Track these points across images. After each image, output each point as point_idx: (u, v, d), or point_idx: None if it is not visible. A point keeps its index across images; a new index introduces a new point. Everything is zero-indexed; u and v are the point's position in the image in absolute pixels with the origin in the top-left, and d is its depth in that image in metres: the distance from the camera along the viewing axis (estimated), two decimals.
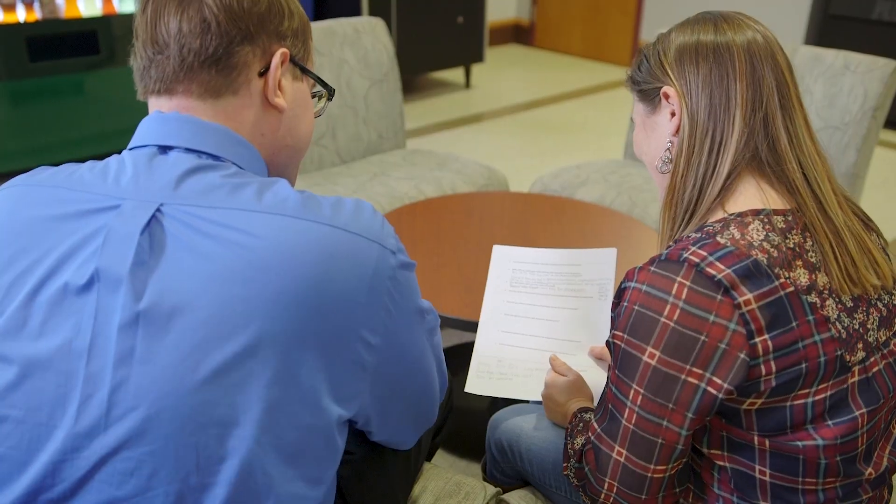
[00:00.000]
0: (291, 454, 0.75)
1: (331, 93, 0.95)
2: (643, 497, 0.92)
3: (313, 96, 0.94)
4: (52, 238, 0.75)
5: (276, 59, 0.83)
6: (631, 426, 0.90)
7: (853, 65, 2.29)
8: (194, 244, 0.72)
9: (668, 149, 0.99)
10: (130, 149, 0.81)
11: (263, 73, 0.83)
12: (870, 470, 0.93)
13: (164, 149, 0.80)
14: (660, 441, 0.89)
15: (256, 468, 0.72)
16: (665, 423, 0.88)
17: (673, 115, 0.97)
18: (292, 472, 0.75)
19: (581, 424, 1.07)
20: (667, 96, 0.97)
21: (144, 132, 0.81)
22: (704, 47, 0.94)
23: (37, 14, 3.26)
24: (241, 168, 0.81)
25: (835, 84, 2.32)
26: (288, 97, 0.86)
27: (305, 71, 0.89)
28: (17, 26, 3.17)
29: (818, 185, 0.92)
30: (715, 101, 0.93)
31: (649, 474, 0.91)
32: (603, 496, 0.96)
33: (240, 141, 0.82)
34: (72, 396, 0.71)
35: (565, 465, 1.07)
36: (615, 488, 0.93)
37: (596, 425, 0.96)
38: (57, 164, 0.85)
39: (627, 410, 0.90)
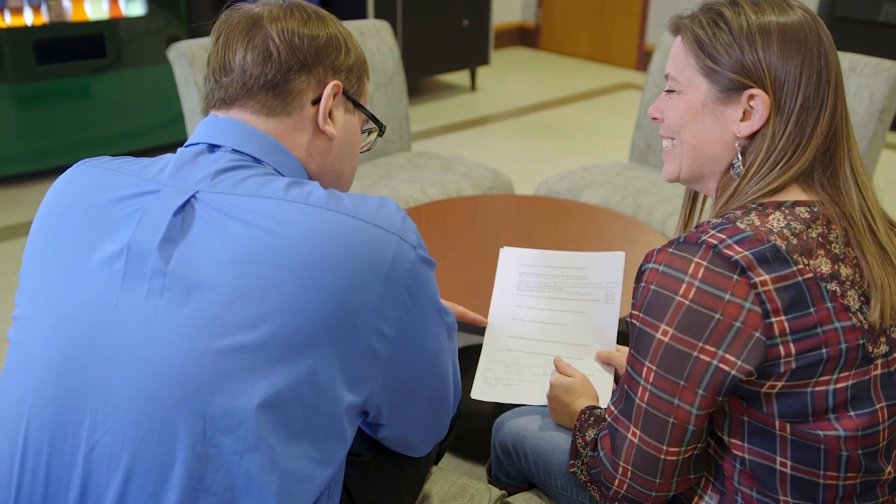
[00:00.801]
0: (297, 432, 0.78)
1: (381, 129, 1.01)
2: (657, 481, 0.93)
3: (363, 132, 1.00)
4: (108, 217, 0.83)
5: (328, 90, 0.90)
6: (644, 405, 0.91)
7: (859, 67, 2.29)
8: (221, 225, 0.78)
9: (740, 151, 0.94)
10: (185, 146, 0.89)
11: (316, 102, 0.90)
12: (889, 469, 0.93)
13: (213, 147, 0.87)
14: (671, 420, 0.90)
15: (261, 442, 0.75)
16: (676, 401, 0.89)
17: (745, 114, 0.93)
18: (296, 450, 0.78)
19: (592, 419, 1.07)
20: (751, 98, 0.92)
21: (199, 132, 0.89)
22: (810, 62, 0.90)
23: (44, 17, 3.28)
24: (279, 173, 0.87)
25: None
26: (338, 126, 0.93)
27: (358, 105, 0.96)
28: (25, 29, 3.18)
29: (871, 218, 0.91)
30: (800, 126, 0.91)
31: (662, 455, 0.91)
32: (617, 482, 0.96)
33: (283, 150, 0.89)
34: (97, 355, 0.77)
35: (572, 462, 1.07)
36: (629, 472, 0.94)
37: (613, 408, 0.97)
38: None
39: (641, 389, 0.91)
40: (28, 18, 3.25)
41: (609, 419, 0.98)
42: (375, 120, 0.99)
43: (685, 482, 0.95)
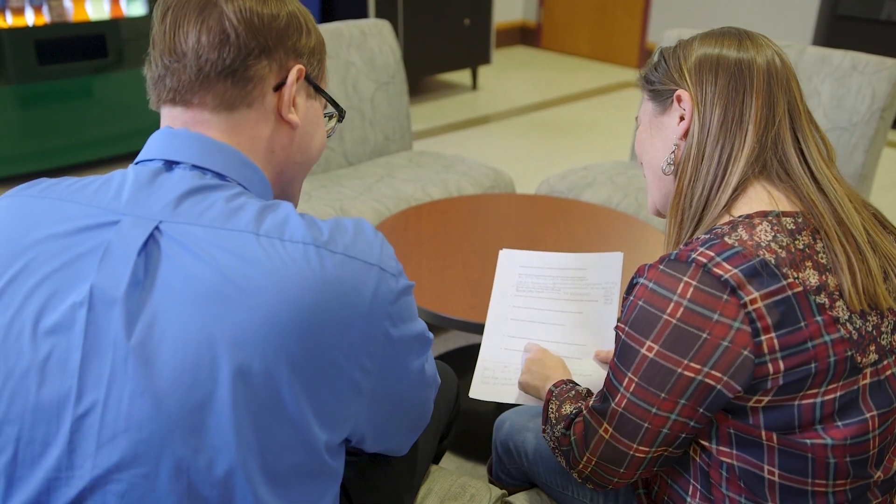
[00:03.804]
0: (280, 478, 0.74)
1: (341, 114, 0.95)
2: (621, 470, 0.95)
3: (325, 116, 0.94)
4: (52, 255, 0.74)
5: (292, 75, 0.83)
6: (620, 409, 0.92)
7: (861, 65, 2.28)
8: (188, 266, 0.71)
9: (674, 151, 0.99)
10: (137, 163, 0.81)
11: (278, 89, 0.83)
12: (879, 474, 0.93)
13: (171, 164, 0.79)
14: (646, 425, 0.91)
15: (247, 493, 0.72)
16: (654, 409, 0.90)
17: (682, 118, 0.98)
18: (284, 496, 0.75)
19: (573, 392, 1.09)
20: (679, 99, 0.98)
21: (152, 146, 0.81)
22: (726, 61, 0.96)
23: (45, 18, 3.28)
24: (245, 189, 0.81)
25: (842, 85, 2.31)
26: (301, 114, 0.86)
27: (319, 90, 0.89)
28: (26, 30, 3.19)
29: (837, 200, 0.92)
30: (729, 113, 0.94)
31: (631, 452, 0.93)
32: (582, 465, 0.99)
33: (246, 163, 0.82)
34: (64, 416, 0.71)
35: (544, 427, 1.08)
36: (594, 462, 0.97)
37: (590, 401, 1.00)
38: (66, 167, 0.85)
39: (619, 395, 0.92)
40: (30, 19, 3.26)
41: (584, 411, 1.00)
42: (336, 105, 0.93)
43: (649, 473, 0.97)
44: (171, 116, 0.83)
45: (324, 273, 0.73)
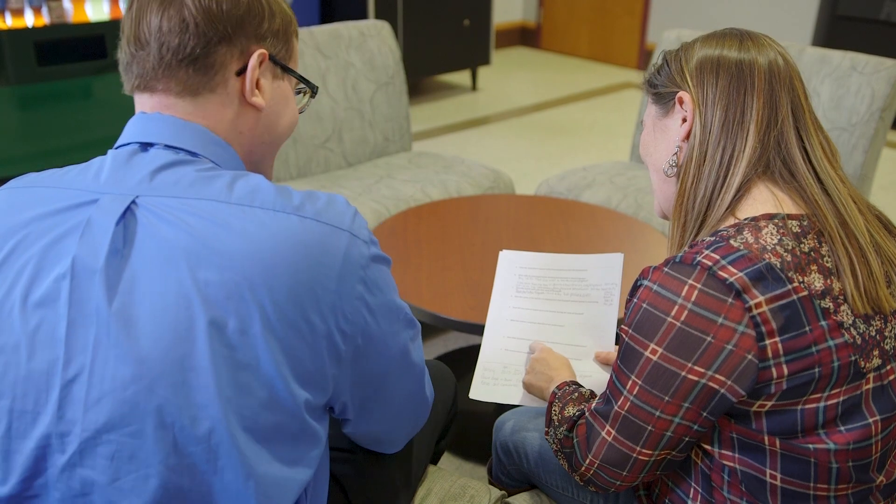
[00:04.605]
0: (263, 435, 0.76)
1: (314, 90, 0.97)
2: (624, 473, 0.94)
3: (297, 93, 0.95)
4: (38, 235, 0.77)
5: (253, 61, 0.84)
6: (623, 412, 0.92)
7: (860, 66, 2.28)
8: (162, 232, 0.75)
9: (676, 153, 0.99)
10: (116, 147, 0.85)
11: (241, 73, 0.85)
12: (881, 478, 0.93)
13: (145, 146, 0.82)
14: (650, 428, 0.90)
15: (232, 448, 0.74)
16: (658, 412, 0.89)
17: (684, 120, 0.98)
18: (267, 454, 0.77)
19: (576, 394, 1.08)
20: (681, 101, 0.98)
21: (128, 131, 0.85)
22: (727, 62, 0.95)
23: (45, 19, 3.28)
24: (217, 165, 0.83)
25: (842, 85, 2.31)
26: (267, 96, 0.88)
27: (287, 70, 0.90)
28: (26, 31, 3.19)
29: (840, 202, 0.92)
30: (730, 114, 0.94)
31: (634, 455, 0.93)
32: (584, 469, 0.98)
33: (217, 141, 0.84)
34: (53, 382, 0.74)
35: (547, 429, 1.08)
36: (596, 464, 0.96)
37: (592, 403, 0.99)
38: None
39: (622, 398, 0.92)
40: (29, 20, 3.26)
41: (587, 413, 0.99)
42: (307, 81, 0.94)
43: (652, 476, 0.97)
44: (141, 102, 0.86)
45: (293, 236, 0.75)
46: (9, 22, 3.21)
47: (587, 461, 0.97)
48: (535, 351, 1.28)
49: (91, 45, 3.37)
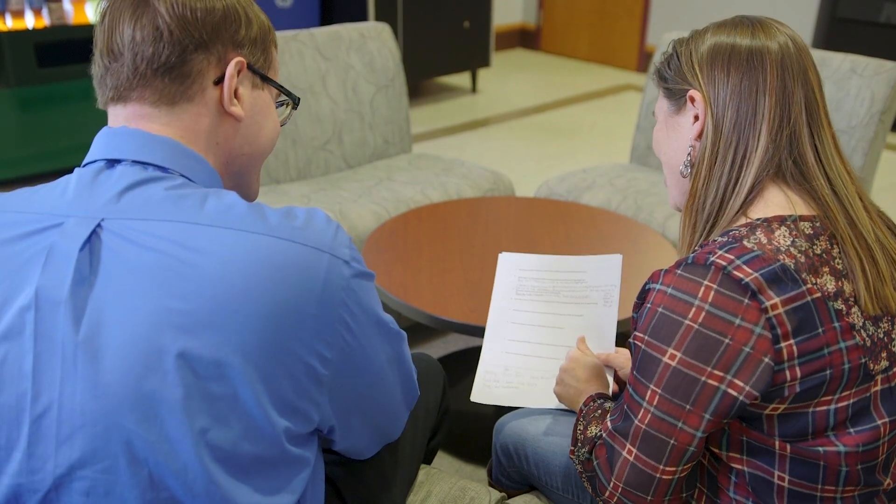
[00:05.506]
0: (241, 467, 0.74)
1: (295, 102, 0.94)
2: (649, 498, 0.92)
3: (279, 105, 0.93)
4: (1, 264, 0.74)
5: (231, 68, 0.82)
6: (643, 426, 0.90)
7: (860, 68, 2.29)
8: (130, 257, 0.71)
9: (690, 153, 0.98)
10: (83, 165, 0.81)
11: (219, 83, 0.83)
12: (888, 480, 0.93)
13: (112, 162, 0.79)
14: (672, 442, 0.88)
15: (209, 484, 0.72)
16: (680, 424, 0.87)
17: (696, 118, 0.96)
18: (245, 486, 0.74)
19: (599, 412, 1.05)
20: (692, 100, 0.96)
21: (94, 148, 0.81)
22: (738, 54, 0.93)
23: (45, 21, 3.29)
24: (189, 180, 0.80)
25: (841, 88, 2.31)
26: (246, 106, 0.85)
27: (266, 79, 0.88)
28: (26, 33, 3.19)
29: (848, 201, 0.91)
30: (742, 113, 0.92)
31: (658, 475, 0.90)
32: (608, 493, 0.95)
33: (189, 154, 0.81)
34: (23, 418, 0.72)
35: (572, 448, 1.05)
36: (620, 489, 0.93)
37: (609, 423, 0.96)
38: (65, 170, 0.86)
39: (642, 411, 0.90)
40: (29, 21, 3.26)
41: (605, 434, 0.96)
42: (288, 93, 0.92)
43: (677, 500, 0.94)
44: (113, 115, 0.83)
45: (267, 258, 0.72)
46: (9, 23, 3.21)
47: (611, 485, 0.94)
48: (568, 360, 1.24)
49: (91, 47, 3.37)
